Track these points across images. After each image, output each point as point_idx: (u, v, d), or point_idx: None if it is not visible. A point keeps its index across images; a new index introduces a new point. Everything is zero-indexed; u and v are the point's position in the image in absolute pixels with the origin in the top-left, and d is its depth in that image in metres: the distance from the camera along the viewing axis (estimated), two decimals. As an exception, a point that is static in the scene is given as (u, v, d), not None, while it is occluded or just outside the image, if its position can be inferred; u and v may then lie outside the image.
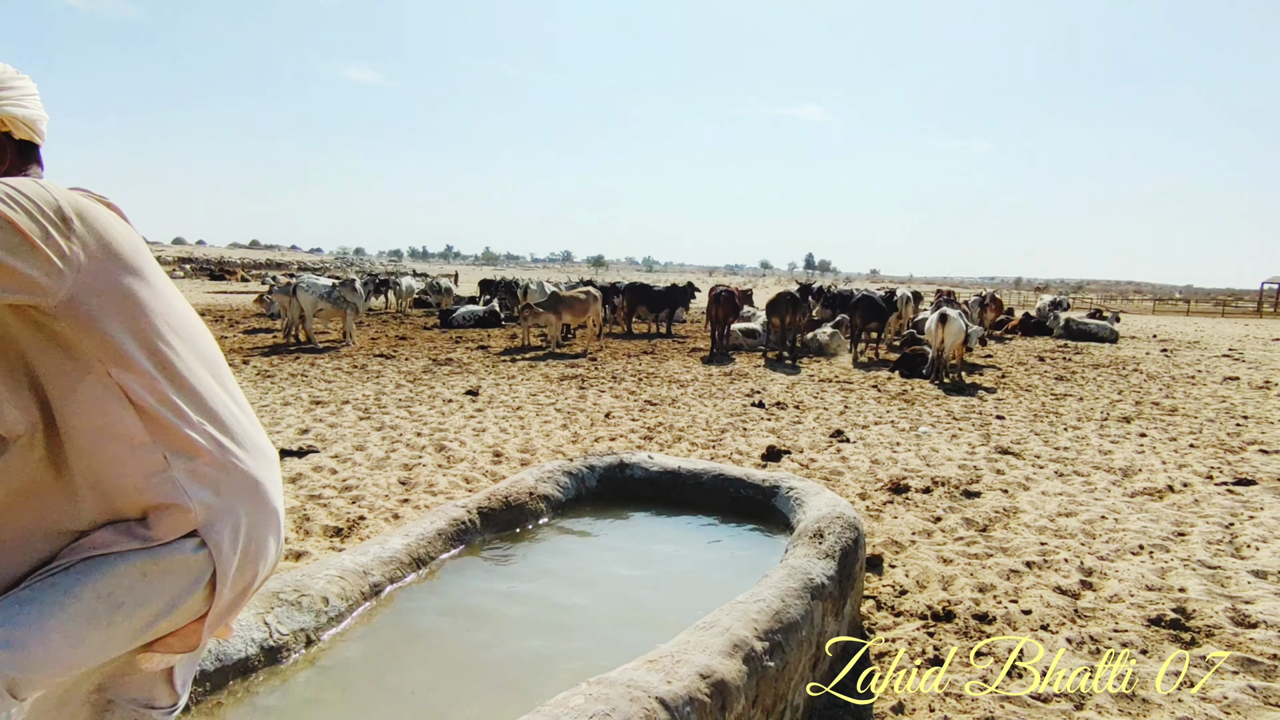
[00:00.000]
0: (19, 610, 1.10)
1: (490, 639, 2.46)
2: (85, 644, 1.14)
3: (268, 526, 1.37)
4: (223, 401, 1.33)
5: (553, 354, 12.58)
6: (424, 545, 2.91)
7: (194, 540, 1.23)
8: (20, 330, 1.14)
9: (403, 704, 2.09)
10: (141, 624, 1.20)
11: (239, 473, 1.32)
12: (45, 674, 1.11)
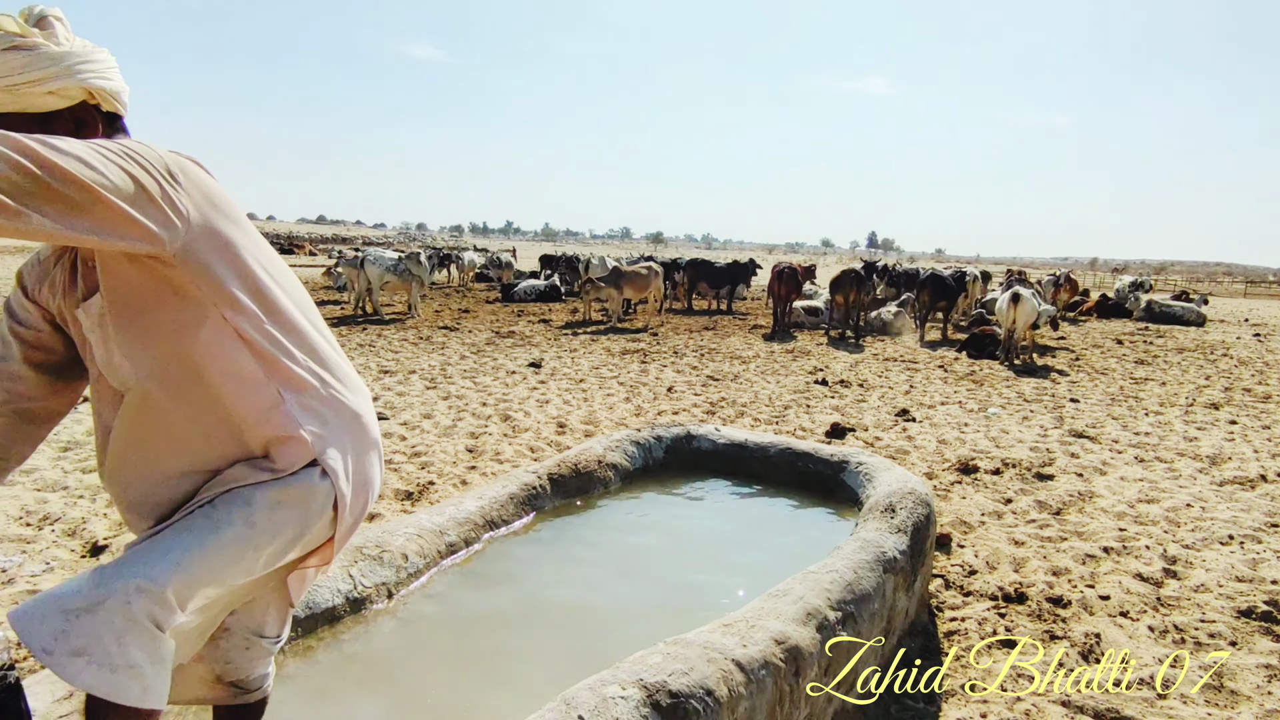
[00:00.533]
0: (180, 537, 1.20)
1: (561, 599, 2.51)
2: (238, 565, 1.24)
3: (371, 455, 1.46)
4: (320, 340, 1.41)
5: (614, 329, 12.64)
6: (497, 508, 2.99)
7: (316, 469, 1.33)
8: (142, 281, 1.21)
9: (479, 657, 2.17)
10: (282, 546, 1.31)
11: (341, 405, 1.40)
12: (205, 592, 1.21)
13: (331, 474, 1.34)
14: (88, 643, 1.08)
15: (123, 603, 1.11)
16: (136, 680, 1.11)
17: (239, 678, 1.57)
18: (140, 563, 1.16)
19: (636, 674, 1.64)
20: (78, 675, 1.08)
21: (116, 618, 1.10)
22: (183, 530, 1.22)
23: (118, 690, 1.10)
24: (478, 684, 2.05)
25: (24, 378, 1.35)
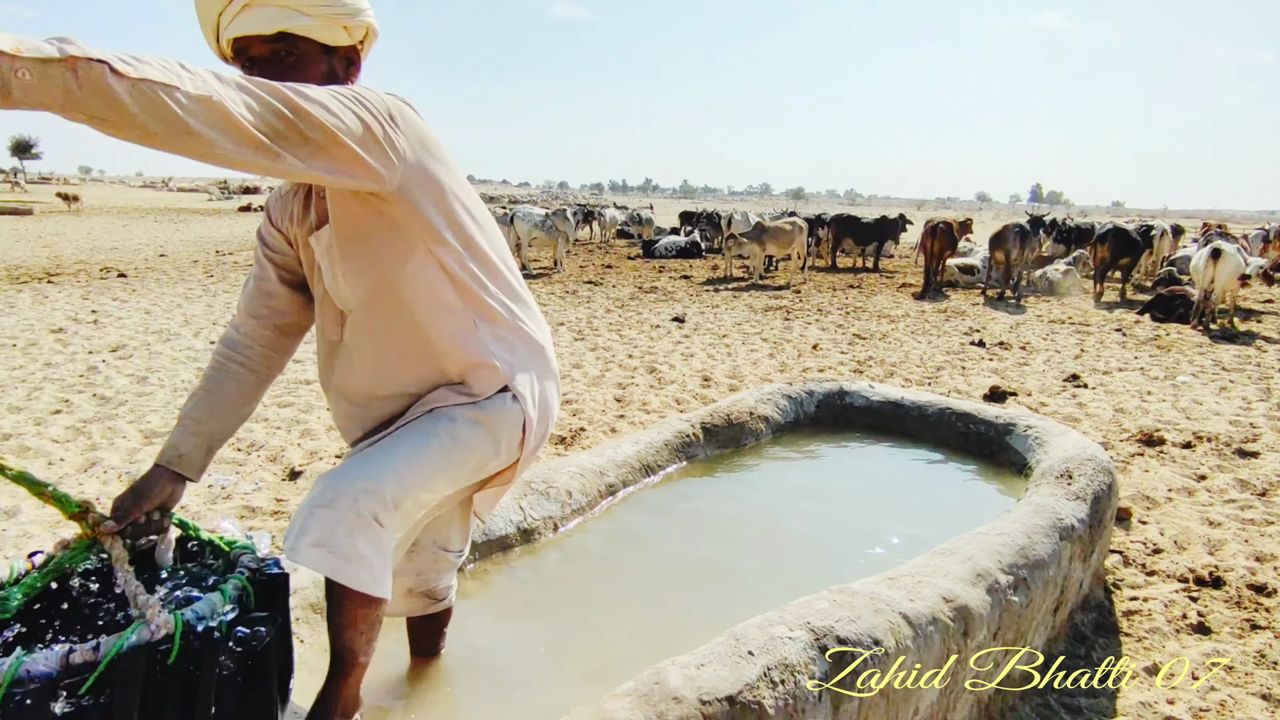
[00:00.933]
0: (395, 448, 1.34)
1: (715, 544, 2.56)
2: (443, 475, 1.38)
3: (552, 386, 1.56)
4: (510, 276, 1.51)
5: (755, 285, 12.48)
6: (652, 453, 3.07)
7: (507, 395, 1.44)
8: (364, 215, 1.34)
9: (638, 591, 2.26)
10: (478, 464, 1.43)
11: (528, 337, 1.50)
12: (415, 499, 1.35)
13: (520, 399, 1.45)
14: (325, 535, 1.23)
15: (351, 501, 1.25)
16: (366, 569, 1.25)
17: (429, 588, 1.73)
18: (363, 468, 1.30)
19: (803, 618, 1.65)
20: (319, 563, 1.23)
21: (347, 514, 1.24)
22: (397, 442, 1.36)
23: (351, 577, 1.24)
24: (638, 616, 2.14)
25: (279, 295, 1.53)
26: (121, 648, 1.01)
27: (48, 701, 0.96)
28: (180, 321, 8.06)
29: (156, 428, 4.65)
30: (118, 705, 1.00)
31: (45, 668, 0.97)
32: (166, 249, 15.81)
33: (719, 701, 1.41)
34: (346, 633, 1.35)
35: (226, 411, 1.49)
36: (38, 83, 0.81)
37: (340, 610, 1.34)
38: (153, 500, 1.37)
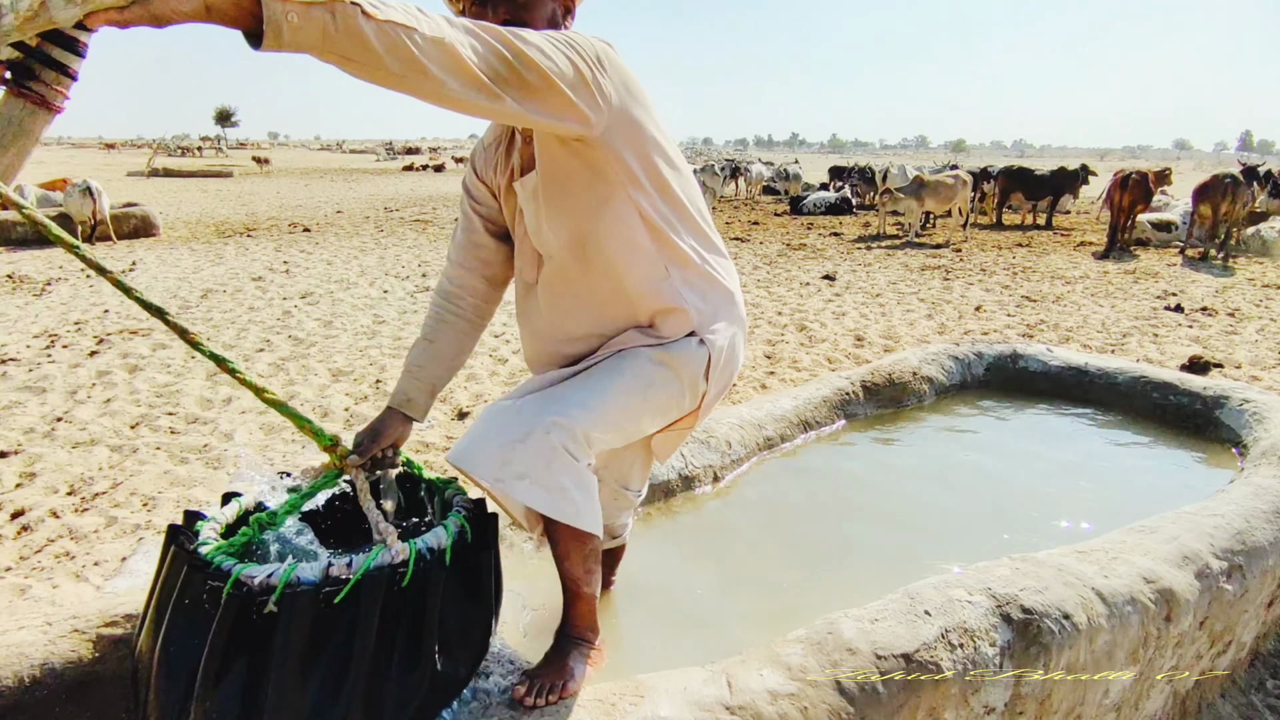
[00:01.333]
0: (586, 384, 1.38)
1: (875, 503, 2.48)
2: (629, 415, 1.41)
3: (740, 333, 1.54)
4: (702, 223, 1.50)
5: (910, 243, 11.81)
6: (810, 409, 3.01)
7: (694, 339, 1.44)
8: (568, 160, 1.36)
9: (797, 543, 2.24)
10: (663, 405, 1.45)
11: (718, 283, 1.50)
12: (607, 435, 1.39)
13: (708, 344, 1.45)
14: (526, 468, 1.28)
15: (544, 434, 1.29)
16: (569, 502, 1.29)
17: (608, 523, 1.79)
18: (554, 403, 1.34)
19: (984, 583, 1.57)
20: (526, 495, 1.27)
21: (542, 447, 1.28)
22: (586, 380, 1.39)
23: (556, 508, 1.29)
24: (798, 567, 2.13)
25: (486, 246, 1.59)
26: (369, 566, 1.13)
27: (312, 604, 1.10)
28: (357, 272, 8.77)
29: (341, 367, 5.11)
30: (363, 615, 1.13)
31: (311, 575, 1.10)
32: (342, 206, 17.18)
33: (895, 658, 1.38)
34: (564, 564, 1.42)
35: (446, 359, 1.59)
36: (302, 25, 0.88)
37: (555, 543, 1.40)
38: (387, 439, 1.50)
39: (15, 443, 3.75)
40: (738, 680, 1.31)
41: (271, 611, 1.09)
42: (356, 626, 1.13)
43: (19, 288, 7.56)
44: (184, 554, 1.18)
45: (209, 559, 1.15)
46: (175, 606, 1.15)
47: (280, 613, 1.09)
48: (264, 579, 1.10)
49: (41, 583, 2.61)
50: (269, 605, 1.08)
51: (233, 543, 1.27)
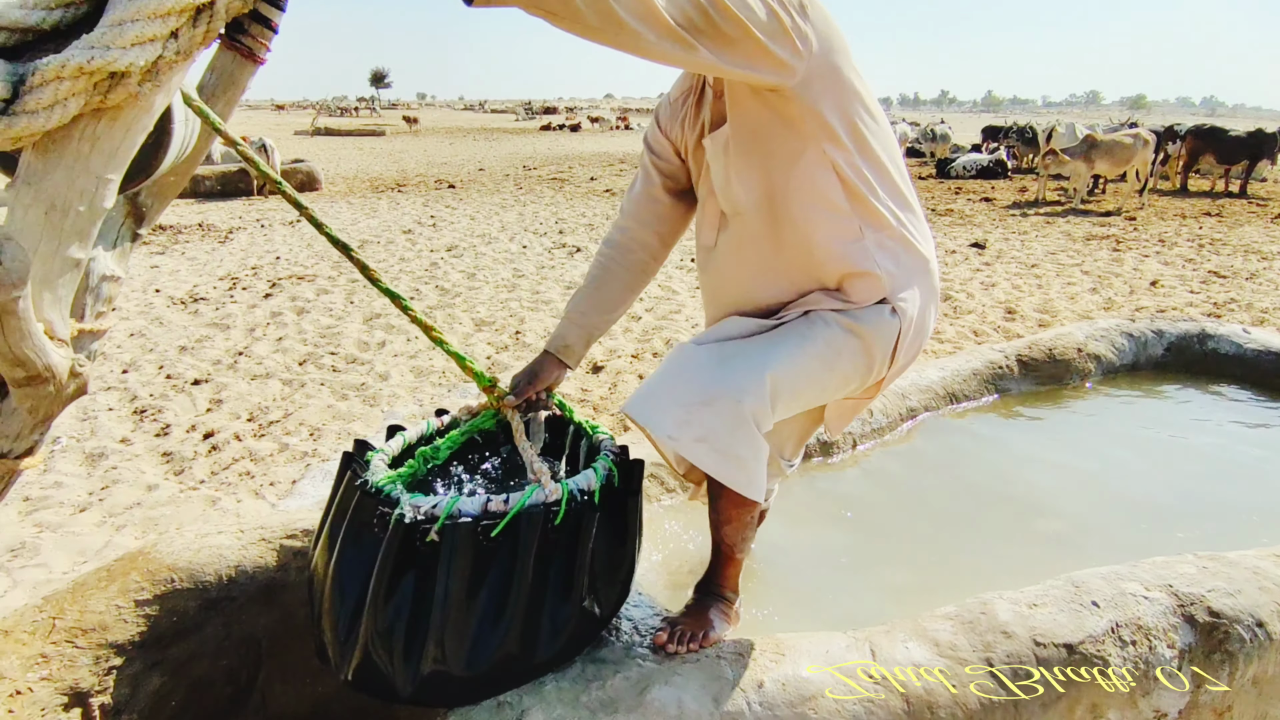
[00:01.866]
0: (774, 349, 1.32)
1: (1023, 485, 2.31)
2: (815, 382, 1.35)
3: (932, 303, 1.44)
4: (901, 182, 1.39)
5: (1075, 210, 10.81)
6: (958, 382, 2.84)
7: (885, 307, 1.35)
8: (760, 113, 1.29)
9: (937, 519, 2.13)
10: (848, 374, 1.38)
11: (914, 249, 1.39)
12: (792, 404, 1.34)
13: (900, 314, 1.35)
14: (707, 431, 1.24)
15: (734, 401, 1.24)
16: (743, 470, 1.26)
17: None
18: (743, 367, 1.28)
19: (1163, 578, 1.43)
20: (702, 458, 1.25)
21: (728, 414, 1.24)
22: (777, 344, 1.32)
23: (730, 476, 1.26)
24: (940, 543, 2.03)
25: (663, 202, 1.56)
26: (525, 503, 1.18)
27: (471, 536, 1.15)
28: (498, 227, 9.10)
29: (484, 317, 5.35)
30: (520, 549, 1.18)
31: (471, 509, 1.16)
32: (484, 164, 17.82)
33: (1056, 647, 1.28)
34: (723, 528, 1.41)
35: (607, 308, 1.60)
36: None
37: (717, 506, 1.39)
38: (542, 382, 1.53)
39: (205, 372, 4.20)
40: (881, 649, 1.27)
41: (434, 540, 1.15)
42: (514, 559, 1.18)
43: (207, 235, 8.40)
44: (357, 481, 1.27)
45: (379, 487, 1.23)
46: (348, 529, 1.25)
47: (442, 542, 1.15)
48: (428, 509, 1.16)
49: (227, 497, 2.92)
50: (431, 534, 1.15)
51: (401, 474, 1.36)
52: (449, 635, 1.16)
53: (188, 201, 11.27)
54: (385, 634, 1.17)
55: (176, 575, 1.52)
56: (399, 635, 1.17)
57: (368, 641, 1.18)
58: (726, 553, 1.45)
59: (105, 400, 3.78)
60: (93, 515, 2.76)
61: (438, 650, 1.17)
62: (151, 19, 0.67)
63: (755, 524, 1.46)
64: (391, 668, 1.18)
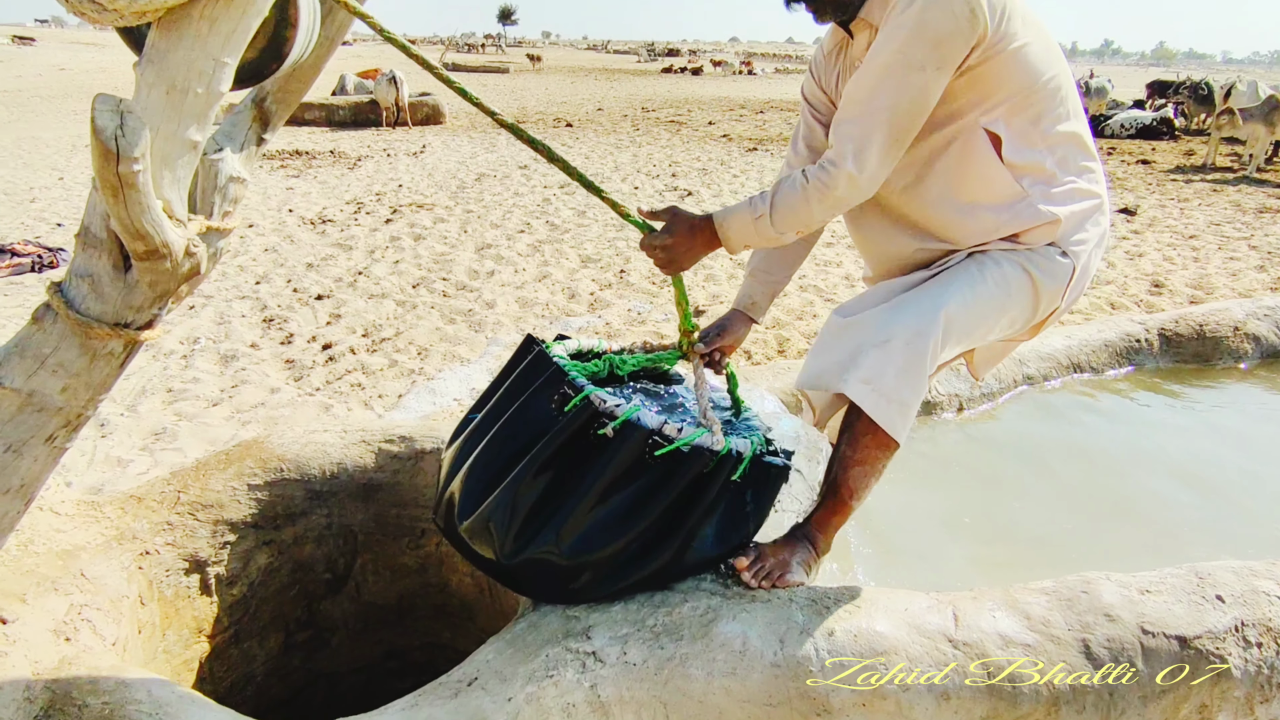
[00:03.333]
0: (947, 290, 1.30)
1: (1143, 468, 2.12)
2: (986, 322, 1.34)
3: (1100, 247, 1.42)
4: (1067, 124, 1.34)
5: (1248, 178, 9.65)
6: (1085, 352, 2.62)
7: (1057, 249, 1.34)
8: None
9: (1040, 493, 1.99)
10: (1015, 315, 1.36)
11: (1085, 192, 1.36)
12: (962, 343, 1.34)
13: (1072, 256, 1.34)
14: (874, 374, 1.24)
15: (905, 344, 1.24)
16: (901, 413, 1.25)
17: None
18: (915, 310, 1.27)
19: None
20: (864, 398, 1.24)
21: (899, 357, 1.24)
22: (948, 283, 1.31)
23: (886, 418, 1.24)
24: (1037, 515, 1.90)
25: (818, 147, 1.53)
26: (694, 440, 1.18)
27: (641, 444, 1.17)
28: (611, 166, 9.08)
29: (590, 254, 5.38)
30: (674, 478, 1.19)
31: (649, 423, 1.17)
32: (603, 104, 17.73)
33: (1168, 638, 1.17)
34: (854, 469, 1.34)
35: (787, 264, 1.61)
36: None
37: (856, 445, 1.33)
38: (730, 336, 1.56)
39: (328, 288, 4.45)
40: (965, 616, 1.20)
41: (605, 436, 1.16)
42: (662, 484, 1.19)
43: (338, 162, 8.83)
44: (548, 360, 1.29)
45: (568, 370, 1.25)
46: (526, 399, 1.27)
47: (613, 440, 1.16)
48: (611, 406, 1.18)
49: (339, 404, 3.11)
50: (608, 429, 1.16)
51: (585, 367, 1.38)
52: (570, 523, 1.18)
53: (322, 129, 11.86)
54: (517, 502, 1.19)
55: (285, 465, 1.63)
56: (526, 506, 1.19)
57: (497, 505, 1.20)
58: (844, 496, 1.37)
59: (239, 308, 4.08)
60: (223, 410, 3.01)
61: (553, 534, 1.19)
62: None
63: (884, 471, 1.39)
64: (505, 534, 1.20)
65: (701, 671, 1.13)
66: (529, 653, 1.15)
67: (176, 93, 0.74)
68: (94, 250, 0.78)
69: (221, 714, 1.04)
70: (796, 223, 1.31)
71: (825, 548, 1.40)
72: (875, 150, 1.23)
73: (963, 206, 1.33)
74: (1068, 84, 1.34)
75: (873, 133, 1.23)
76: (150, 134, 0.72)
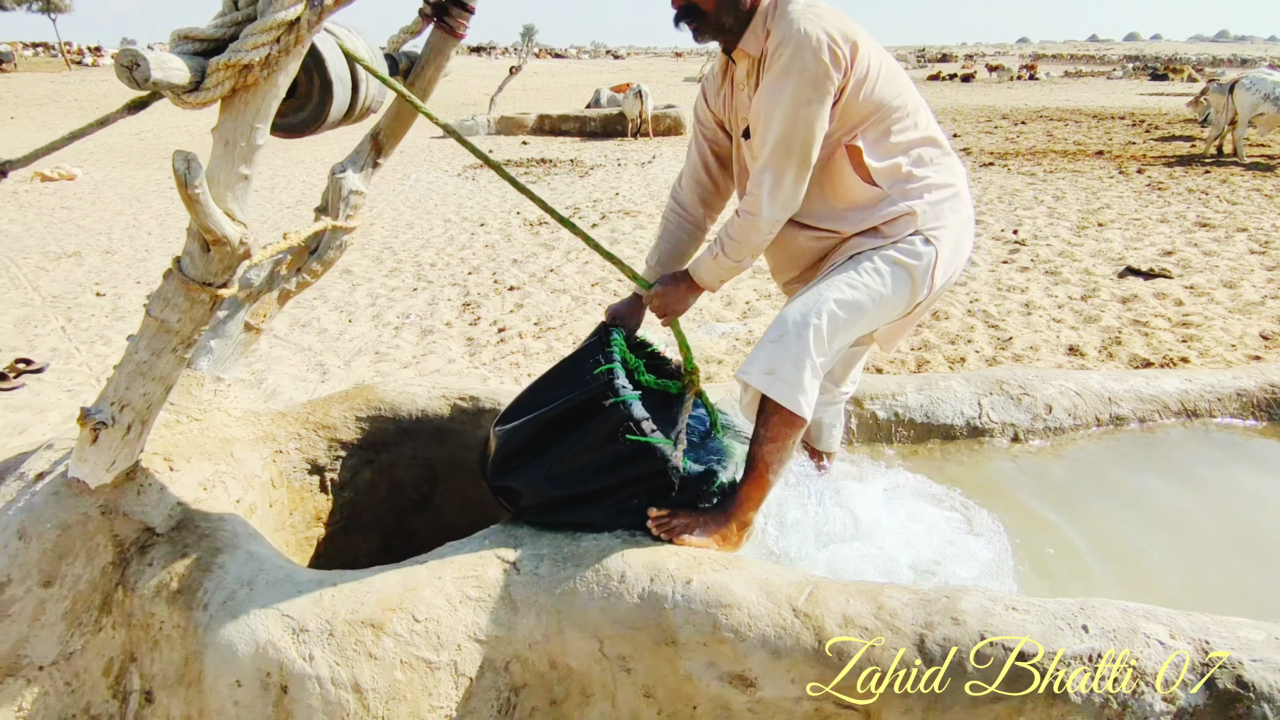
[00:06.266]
0: (827, 290, 1.55)
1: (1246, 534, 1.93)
2: (867, 312, 1.56)
3: (966, 227, 1.64)
4: (917, 129, 1.58)
5: None
6: (1207, 398, 2.38)
7: (919, 237, 1.57)
8: None
9: (1066, 538, 1.92)
10: (894, 301, 1.58)
11: (939, 184, 1.59)
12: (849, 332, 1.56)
13: (934, 242, 1.55)
14: (773, 364, 1.51)
15: (796, 336, 1.50)
16: (800, 393, 1.50)
17: (815, 419, 1.92)
18: (802, 308, 1.53)
19: (1204, 633, 1.23)
20: (766, 385, 1.51)
21: (792, 346, 1.50)
22: (829, 283, 1.56)
23: (786, 397, 1.50)
24: (1050, 563, 1.86)
25: (712, 166, 1.81)
26: (656, 443, 1.51)
27: (619, 423, 1.51)
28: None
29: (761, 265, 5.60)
30: (633, 464, 1.52)
31: (635, 412, 1.51)
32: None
33: (1006, 650, 1.23)
34: (766, 445, 1.58)
35: (679, 258, 1.89)
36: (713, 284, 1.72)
37: (767, 424, 1.57)
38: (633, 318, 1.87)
39: (522, 281, 5.20)
40: (821, 594, 1.35)
41: (606, 403, 1.53)
42: (622, 461, 1.53)
43: (573, 170, 9.87)
44: (605, 339, 1.73)
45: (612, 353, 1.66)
46: (572, 359, 1.73)
47: (607, 410, 1.53)
48: (620, 384, 1.55)
49: (495, 377, 3.73)
50: (610, 400, 1.53)
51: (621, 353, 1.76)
52: (545, 468, 1.56)
53: (573, 140, 13.19)
54: (534, 440, 1.60)
55: (383, 406, 2.17)
56: (519, 442, 1.61)
57: (524, 441, 1.61)
58: (760, 471, 1.59)
59: (449, 293, 4.95)
60: (409, 371, 3.77)
61: (529, 474, 1.58)
62: (262, 32, 1.11)
63: (793, 451, 1.59)
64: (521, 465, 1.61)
65: (587, 591, 1.42)
66: (473, 553, 1.53)
67: (230, 145, 1.22)
68: (191, 238, 1.29)
69: (269, 549, 1.55)
70: (744, 254, 1.64)
71: (745, 520, 1.60)
72: (789, 183, 1.50)
73: (837, 207, 1.61)
74: (913, 100, 1.59)
75: (784, 171, 1.48)
76: (215, 170, 1.21)
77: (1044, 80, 32.50)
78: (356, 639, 1.37)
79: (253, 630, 1.38)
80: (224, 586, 1.45)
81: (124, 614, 1.50)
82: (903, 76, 1.58)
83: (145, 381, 1.41)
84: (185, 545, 1.52)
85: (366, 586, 1.44)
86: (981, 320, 4.46)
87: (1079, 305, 4.70)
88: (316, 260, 1.98)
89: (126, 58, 1.05)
